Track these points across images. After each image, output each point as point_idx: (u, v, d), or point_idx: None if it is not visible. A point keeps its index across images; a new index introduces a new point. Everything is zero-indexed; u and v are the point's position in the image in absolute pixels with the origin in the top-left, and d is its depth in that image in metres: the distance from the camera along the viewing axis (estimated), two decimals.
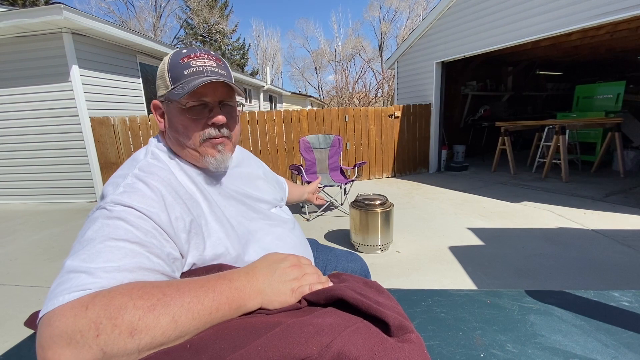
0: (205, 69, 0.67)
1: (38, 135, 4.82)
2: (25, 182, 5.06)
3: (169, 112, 0.70)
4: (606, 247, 2.61)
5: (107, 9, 19.99)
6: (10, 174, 5.06)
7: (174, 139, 0.71)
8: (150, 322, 0.41)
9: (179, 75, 0.67)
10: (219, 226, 0.67)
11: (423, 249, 2.74)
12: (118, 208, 0.54)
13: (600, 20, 3.59)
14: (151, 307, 0.42)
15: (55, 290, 0.44)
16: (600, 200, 3.83)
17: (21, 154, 4.95)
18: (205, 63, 0.68)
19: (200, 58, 0.68)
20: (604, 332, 0.64)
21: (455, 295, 0.79)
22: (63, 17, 3.96)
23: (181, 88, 0.65)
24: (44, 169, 4.96)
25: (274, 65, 29.45)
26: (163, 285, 0.46)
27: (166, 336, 0.42)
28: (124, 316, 0.40)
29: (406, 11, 24.19)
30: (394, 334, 0.48)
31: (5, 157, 5.00)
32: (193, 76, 0.66)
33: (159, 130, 0.75)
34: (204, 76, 0.66)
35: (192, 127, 0.68)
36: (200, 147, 0.70)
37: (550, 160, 5.07)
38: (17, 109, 4.75)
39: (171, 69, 0.68)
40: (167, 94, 0.68)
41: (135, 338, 0.40)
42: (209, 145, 0.70)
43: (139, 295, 0.43)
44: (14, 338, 1.70)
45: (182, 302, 0.44)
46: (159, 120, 0.73)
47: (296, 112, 5.50)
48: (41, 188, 5.05)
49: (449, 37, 5.54)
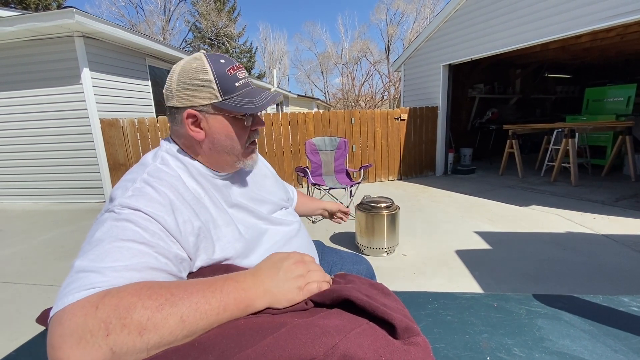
0: (249, 82, 0.73)
1: (49, 137, 4.91)
2: (36, 183, 5.15)
3: (215, 121, 0.70)
4: (616, 253, 2.56)
5: (117, 12, 20.35)
6: (21, 174, 5.16)
7: (218, 147, 0.72)
8: (159, 322, 0.42)
9: (230, 88, 0.69)
10: (228, 230, 0.68)
11: (429, 252, 2.72)
12: (126, 211, 0.55)
13: (611, 23, 3.55)
14: (159, 307, 0.43)
15: (66, 289, 0.45)
16: (611, 205, 3.77)
17: (32, 155, 5.04)
18: (245, 75, 0.73)
19: (241, 70, 0.72)
20: (613, 337, 0.63)
21: (461, 298, 0.79)
22: (75, 20, 4.04)
23: (242, 102, 0.69)
24: (55, 170, 5.05)
25: (281, 68, 29.63)
26: (171, 286, 0.47)
27: (174, 335, 0.43)
28: (133, 316, 0.41)
29: (413, 14, 24.20)
30: (400, 336, 0.48)
31: (17, 157, 5.09)
32: (244, 89, 0.71)
33: (177, 136, 0.73)
34: (251, 88, 0.73)
35: (244, 134, 0.74)
36: (243, 152, 0.75)
37: (559, 164, 5.01)
38: (29, 110, 4.85)
39: (220, 80, 0.68)
40: (217, 104, 0.68)
41: (144, 337, 0.41)
42: (251, 150, 0.77)
43: (148, 296, 0.43)
44: (23, 335, 1.72)
45: (189, 302, 0.45)
46: (196, 130, 0.70)
47: (302, 114, 5.52)
48: (52, 188, 5.13)
49: (456, 40, 5.52)
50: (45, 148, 4.97)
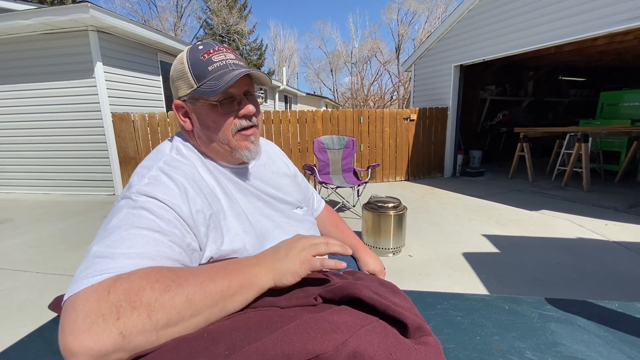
0: (228, 63, 0.67)
1: (62, 129, 4.99)
2: (48, 174, 5.25)
3: (196, 110, 0.69)
4: (629, 260, 2.50)
5: (130, 8, 20.59)
6: (33, 165, 5.26)
7: (204, 137, 0.70)
8: (166, 302, 0.43)
9: (203, 72, 0.66)
10: (238, 222, 0.68)
11: (436, 254, 2.69)
12: (142, 198, 0.55)
13: (629, 25, 3.46)
14: (166, 288, 0.44)
15: (81, 274, 0.46)
16: (624, 212, 3.69)
17: (45, 147, 5.13)
18: (225, 57, 0.68)
19: (219, 52, 0.68)
20: (629, 344, 0.62)
21: (472, 299, 0.78)
22: (89, 15, 4.09)
23: (211, 85, 0.64)
24: (66, 162, 5.13)
25: (290, 66, 29.65)
26: (178, 270, 0.49)
27: (181, 315, 0.44)
28: (142, 298, 0.42)
29: (425, 14, 24.00)
30: (411, 335, 0.47)
31: (29, 149, 5.19)
32: (218, 71, 0.65)
33: (181, 128, 0.74)
34: (228, 69, 0.65)
35: (224, 122, 0.68)
36: (233, 141, 0.69)
37: (571, 169, 4.92)
38: (42, 103, 4.94)
39: (193, 66, 0.66)
40: (193, 92, 0.67)
41: (152, 319, 0.42)
42: (242, 138, 0.70)
43: (156, 279, 0.45)
44: (33, 322, 1.75)
45: (195, 282, 0.47)
46: (183, 119, 0.71)
47: (311, 112, 5.51)
48: (63, 180, 5.22)
49: (469, 40, 5.45)
50: (58, 140, 5.06)
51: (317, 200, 1.07)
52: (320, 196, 1.11)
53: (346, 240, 1.04)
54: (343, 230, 1.07)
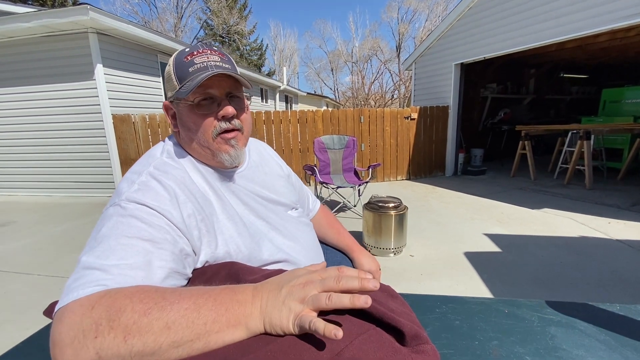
0: (209, 64, 0.67)
1: (62, 131, 5.01)
2: (50, 176, 5.27)
3: (179, 112, 0.70)
4: (632, 259, 2.49)
5: (130, 9, 20.61)
6: (35, 168, 5.28)
7: (187, 138, 0.70)
8: (143, 327, 0.39)
9: (184, 73, 0.66)
10: (231, 224, 0.68)
11: (437, 253, 2.68)
12: (132, 205, 0.55)
13: (631, 22, 3.43)
14: (147, 310, 0.41)
15: (71, 285, 0.45)
16: (627, 210, 3.67)
17: (46, 149, 5.15)
18: (208, 58, 0.68)
19: (203, 54, 0.68)
20: (631, 348, 0.61)
21: (471, 302, 0.77)
22: (89, 17, 4.10)
23: (187, 85, 0.65)
24: (67, 164, 5.15)
25: (291, 65, 29.64)
26: (166, 291, 0.45)
27: (158, 343, 0.39)
28: (121, 318, 0.40)
29: (425, 12, 23.91)
30: (408, 343, 0.46)
31: (31, 151, 5.21)
32: (198, 72, 0.66)
33: (172, 130, 0.75)
34: (208, 71, 0.65)
35: (203, 123, 0.67)
36: (213, 144, 0.68)
37: (574, 166, 4.89)
38: (43, 105, 4.95)
39: (176, 68, 0.67)
40: (175, 94, 0.67)
41: (128, 343, 0.39)
42: (222, 142, 0.69)
43: (140, 299, 0.42)
44: (35, 325, 1.76)
45: (179, 308, 0.42)
46: (171, 121, 0.73)
47: (311, 112, 5.51)
48: (64, 182, 5.24)
49: (469, 39, 5.42)
50: (59, 142, 5.08)
51: (312, 200, 1.06)
52: (315, 197, 1.10)
53: (342, 240, 1.04)
54: (339, 231, 1.07)
